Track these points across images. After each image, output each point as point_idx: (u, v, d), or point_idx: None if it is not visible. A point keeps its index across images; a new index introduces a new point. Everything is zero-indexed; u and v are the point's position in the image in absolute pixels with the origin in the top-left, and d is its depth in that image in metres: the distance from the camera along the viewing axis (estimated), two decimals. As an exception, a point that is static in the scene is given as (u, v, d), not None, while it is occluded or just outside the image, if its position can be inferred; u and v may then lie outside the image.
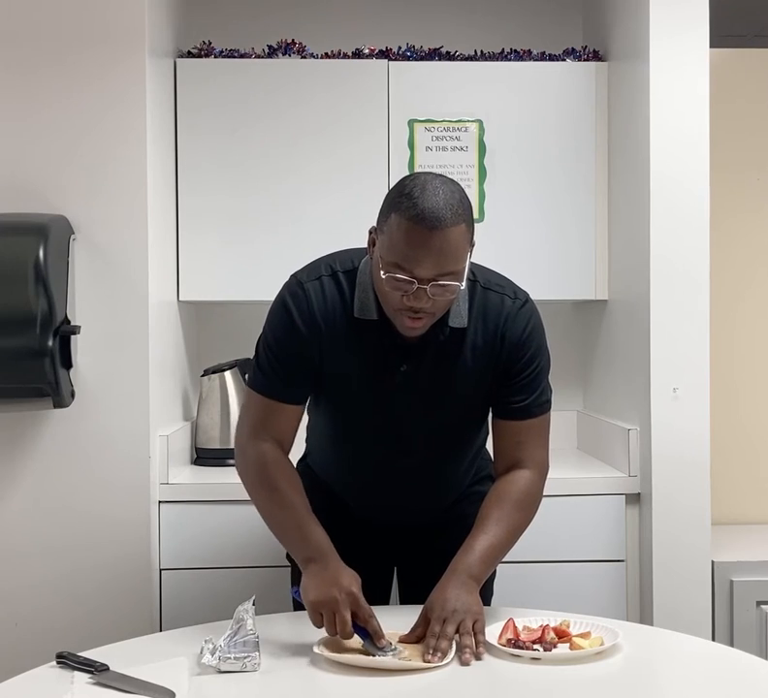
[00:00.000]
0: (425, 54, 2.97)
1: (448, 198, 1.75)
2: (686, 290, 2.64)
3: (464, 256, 1.78)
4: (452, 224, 1.73)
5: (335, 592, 1.76)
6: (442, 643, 1.73)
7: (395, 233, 1.75)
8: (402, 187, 1.78)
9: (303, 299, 1.92)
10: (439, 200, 1.74)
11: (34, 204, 2.52)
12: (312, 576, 1.82)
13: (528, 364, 1.95)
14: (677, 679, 1.74)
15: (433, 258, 1.74)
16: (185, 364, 3.07)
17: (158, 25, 2.70)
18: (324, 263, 1.97)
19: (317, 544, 1.86)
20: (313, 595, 1.78)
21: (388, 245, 1.77)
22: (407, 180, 1.80)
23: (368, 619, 1.75)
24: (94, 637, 2.07)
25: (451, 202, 1.75)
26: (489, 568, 1.89)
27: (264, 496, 1.95)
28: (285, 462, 1.97)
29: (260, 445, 1.95)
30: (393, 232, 1.76)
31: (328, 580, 1.79)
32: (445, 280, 1.76)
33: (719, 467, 2.76)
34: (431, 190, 1.75)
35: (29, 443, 2.55)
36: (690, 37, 2.62)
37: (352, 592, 1.76)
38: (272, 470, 1.94)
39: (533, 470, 1.97)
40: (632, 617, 2.69)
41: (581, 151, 2.98)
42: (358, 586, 1.79)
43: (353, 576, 1.81)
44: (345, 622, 1.74)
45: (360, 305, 1.90)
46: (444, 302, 1.82)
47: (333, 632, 1.76)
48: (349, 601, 1.75)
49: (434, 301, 1.78)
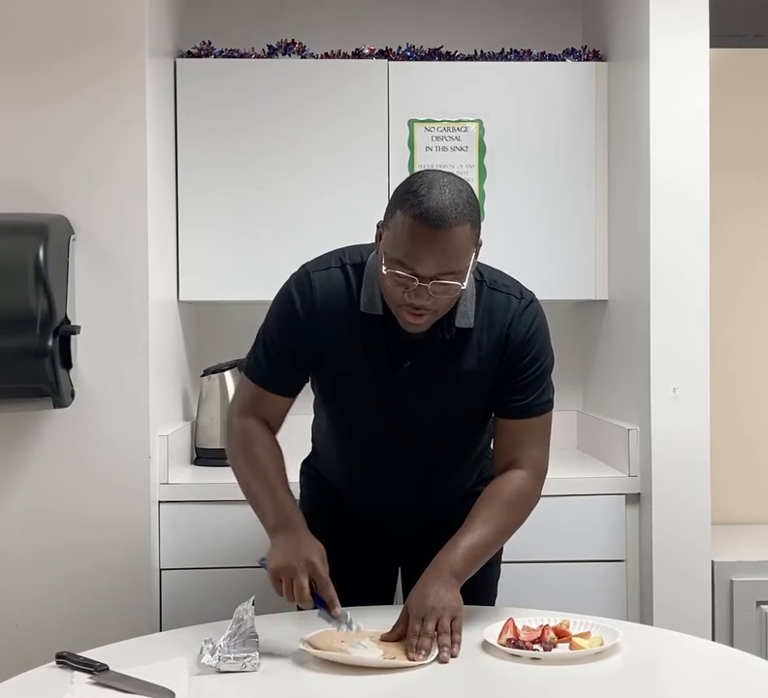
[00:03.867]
0: (425, 54, 2.97)
1: (454, 197, 1.75)
2: (685, 290, 2.64)
3: (466, 256, 1.78)
4: (456, 224, 1.73)
5: (293, 560, 1.78)
6: (424, 641, 1.73)
7: (399, 229, 1.76)
8: (410, 184, 1.78)
9: (307, 288, 1.93)
10: (445, 199, 1.74)
11: (34, 204, 2.52)
12: (277, 544, 1.84)
13: (531, 364, 1.95)
14: (677, 679, 1.74)
15: (436, 256, 1.74)
16: (185, 364, 3.07)
17: (158, 25, 2.70)
18: (334, 255, 1.98)
19: (285, 513, 1.89)
20: (274, 563, 1.81)
21: (392, 242, 1.78)
22: (415, 177, 1.80)
23: (324, 588, 1.78)
24: (94, 637, 2.07)
25: (457, 201, 1.75)
26: (472, 566, 1.88)
27: (241, 465, 1.98)
28: (267, 435, 2.00)
29: (247, 419, 2.00)
30: (397, 228, 1.76)
31: (290, 548, 1.81)
32: (447, 279, 1.76)
33: (719, 467, 2.76)
34: (437, 188, 1.75)
35: (29, 443, 2.55)
36: (690, 37, 2.62)
37: (311, 561, 1.78)
38: (253, 441, 1.98)
39: (529, 470, 1.97)
40: (632, 617, 2.69)
41: (581, 151, 2.98)
42: (319, 555, 1.81)
43: (315, 545, 1.83)
44: (301, 588, 1.76)
45: (366, 300, 1.91)
46: (446, 301, 1.82)
47: (290, 598, 1.78)
48: (308, 569, 1.78)
49: (436, 300, 1.79)
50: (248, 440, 1.98)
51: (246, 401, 2.02)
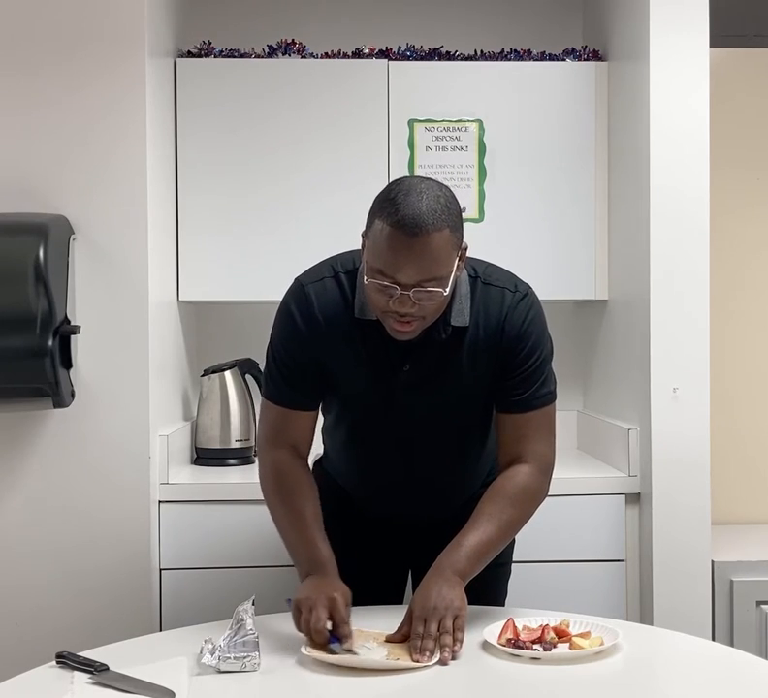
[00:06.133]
0: (425, 54, 2.97)
1: (431, 202, 1.74)
2: (686, 290, 2.64)
3: (447, 261, 1.77)
4: (434, 229, 1.73)
5: (317, 594, 1.78)
6: (428, 643, 1.72)
7: (378, 238, 1.76)
8: (388, 192, 1.78)
9: (304, 301, 1.94)
10: (422, 205, 1.73)
11: (34, 204, 2.52)
12: (306, 583, 1.85)
13: (528, 357, 1.94)
14: (677, 679, 1.74)
15: (415, 264, 1.74)
16: (185, 364, 3.07)
17: (158, 25, 2.70)
18: (326, 264, 1.98)
19: (320, 562, 1.88)
20: (297, 597, 1.81)
21: (372, 251, 1.78)
22: (393, 185, 1.80)
23: (340, 624, 1.76)
24: (94, 637, 2.08)
25: (434, 207, 1.74)
26: (476, 564, 1.87)
27: (277, 504, 1.97)
28: (300, 471, 1.99)
29: (276, 453, 1.99)
30: (376, 237, 1.76)
31: (318, 586, 1.82)
32: (429, 286, 1.76)
33: (719, 467, 2.76)
34: (414, 195, 1.74)
35: (29, 443, 2.55)
36: (690, 37, 2.62)
37: (333, 597, 1.78)
38: (287, 479, 1.97)
39: (533, 465, 1.96)
40: (632, 616, 2.69)
41: (581, 151, 2.97)
42: (342, 593, 1.80)
43: (342, 587, 1.83)
44: (318, 619, 1.74)
45: (360, 306, 1.91)
46: (432, 307, 1.81)
47: (306, 628, 1.75)
48: (329, 604, 1.76)
49: (421, 306, 1.78)
50: (282, 478, 1.97)
51: (271, 429, 2.01)
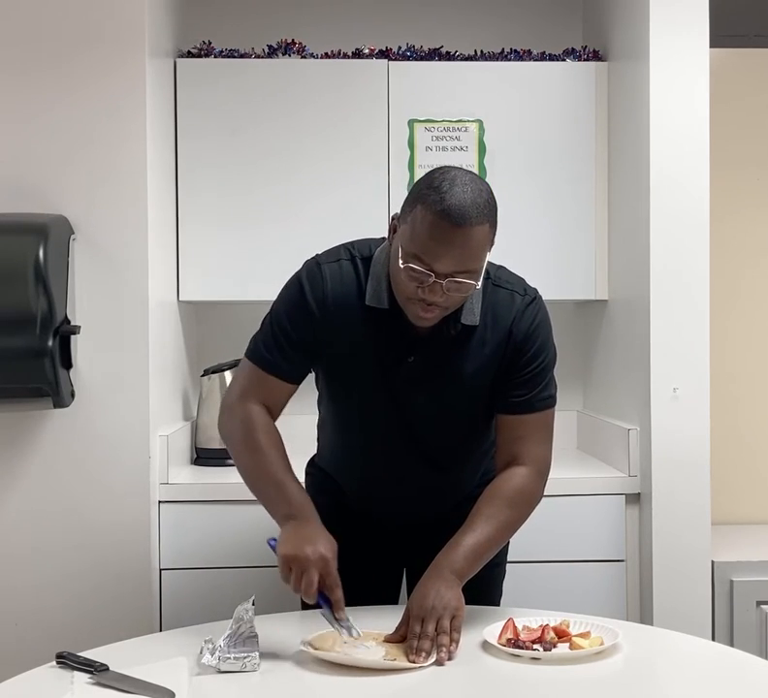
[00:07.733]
0: (425, 54, 2.97)
1: (476, 196, 1.75)
2: (685, 290, 2.64)
3: (482, 256, 1.79)
4: (477, 223, 1.74)
5: (308, 551, 1.76)
6: (424, 643, 1.72)
7: (418, 224, 1.76)
8: (432, 180, 1.78)
9: (318, 278, 1.93)
10: (467, 197, 1.74)
11: (34, 204, 2.52)
12: (290, 531, 1.82)
13: (533, 360, 1.95)
14: (677, 679, 1.74)
15: (454, 254, 1.75)
16: (185, 364, 3.07)
17: (158, 25, 2.70)
18: (344, 247, 1.98)
19: (298, 503, 1.87)
20: (286, 549, 1.78)
21: (410, 236, 1.78)
22: (437, 173, 1.79)
23: (333, 588, 1.76)
24: (94, 637, 2.07)
25: (478, 200, 1.75)
26: (474, 565, 1.87)
27: (246, 455, 1.96)
28: (270, 425, 1.98)
29: (249, 406, 1.97)
30: (417, 223, 1.76)
31: (305, 537, 1.79)
32: (462, 277, 1.77)
33: (718, 467, 2.76)
34: (459, 186, 1.75)
35: (29, 443, 2.55)
36: (690, 37, 2.62)
37: (325, 556, 1.76)
38: (258, 431, 1.95)
39: (530, 467, 1.96)
40: (632, 616, 2.69)
41: (581, 152, 2.97)
42: (333, 552, 1.79)
43: (330, 541, 1.81)
44: (310, 583, 1.74)
45: (372, 293, 1.91)
46: (458, 298, 1.83)
47: (297, 589, 1.75)
48: (320, 564, 1.75)
49: (448, 297, 1.79)
50: (252, 431, 1.95)
51: (247, 385, 1.99)
